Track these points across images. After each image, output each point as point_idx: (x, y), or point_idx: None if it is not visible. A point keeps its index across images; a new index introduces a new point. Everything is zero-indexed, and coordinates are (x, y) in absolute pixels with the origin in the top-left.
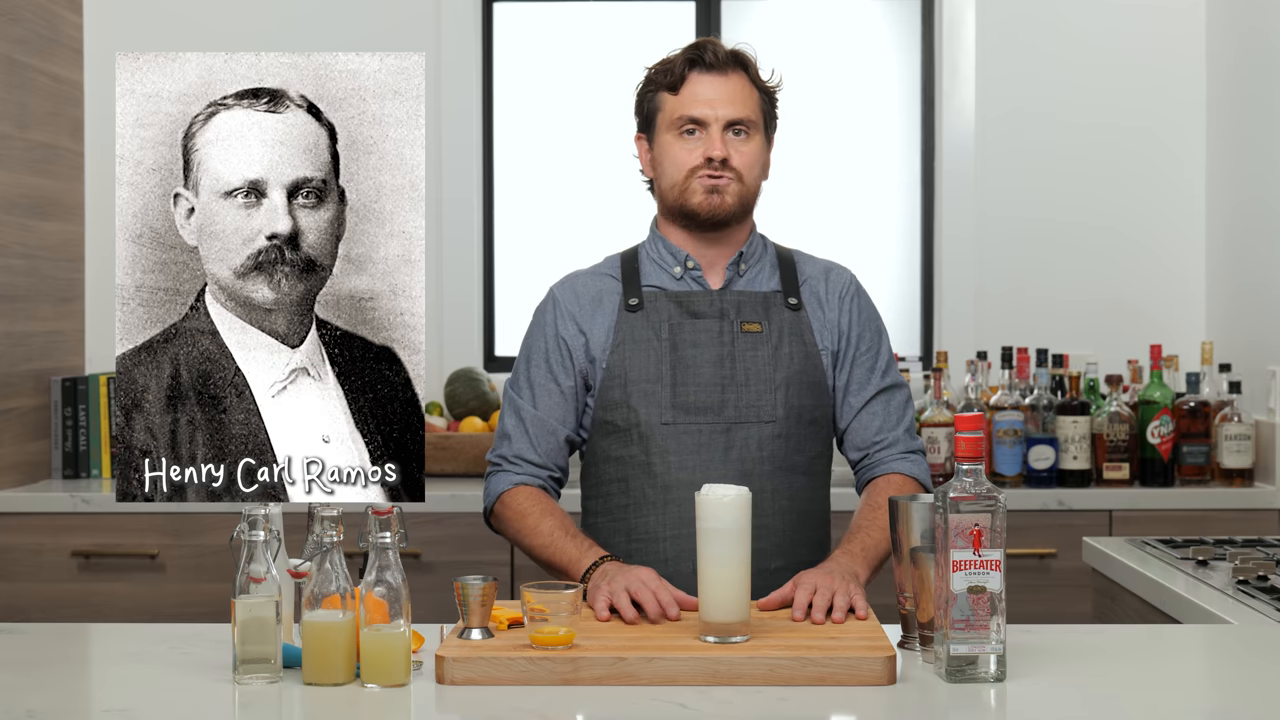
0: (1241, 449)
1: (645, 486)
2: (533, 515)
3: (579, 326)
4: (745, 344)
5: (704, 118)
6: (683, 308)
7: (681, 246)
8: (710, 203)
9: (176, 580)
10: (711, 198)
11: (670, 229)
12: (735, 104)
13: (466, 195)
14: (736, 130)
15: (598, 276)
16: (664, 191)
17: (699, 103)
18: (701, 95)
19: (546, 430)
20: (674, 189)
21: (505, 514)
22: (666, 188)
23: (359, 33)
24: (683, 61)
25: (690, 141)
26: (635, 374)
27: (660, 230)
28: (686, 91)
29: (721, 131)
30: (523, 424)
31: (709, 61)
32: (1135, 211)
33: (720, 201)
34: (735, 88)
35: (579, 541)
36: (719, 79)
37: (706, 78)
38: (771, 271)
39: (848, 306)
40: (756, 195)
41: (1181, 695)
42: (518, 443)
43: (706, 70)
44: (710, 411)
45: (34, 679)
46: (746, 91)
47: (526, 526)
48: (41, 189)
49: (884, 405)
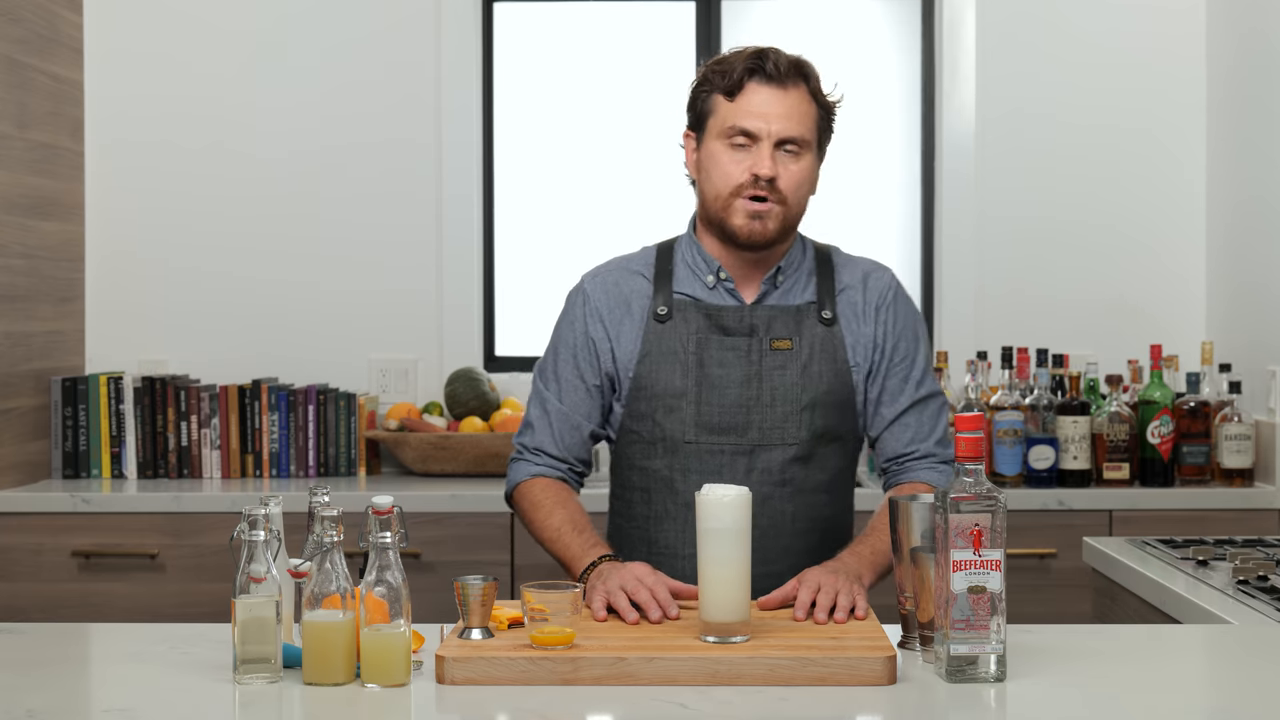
0: (1241, 449)
1: (667, 500)
2: (544, 507)
3: (606, 330)
4: (773, 362)
5: (757, 131)
6: (712, 321)
7: (716, 257)
8: (751, 228)
9: (176, 580)
10: (753, 224)
11: (706, 237)
12: (791, 120)
13: (466, 194)
14: (788, 149)
15: (630, 274)
16: (706, 200)
17: (753, 115)
18: (757, 107)
19: (570, 425)
20: (717, 201)
21: (522, 504)
22: (710, 198)
23: (359, 32)
24: (742, 68)
25: (739, 154)
26: (661, 388)
27: (697, 234)
28: (742, 100)
29: (772, 148)
30: (547, 416)
31: (769, 72)
32: (1135, 211)
33: (762, 228)
34: (793, 102)
35: (583, 538)
36: (778, 91)
37: (765, 89)
38: (808, 280)
39: (884, 317)
40: (801, 215)
41: (1181, 695)
42: (540, 434)
43: (766, 81)
44: (734, 432)
45: (34, 679)
46: (805, 106)
47: (538, 518)
48: (41, 189)
49: (917, 416)
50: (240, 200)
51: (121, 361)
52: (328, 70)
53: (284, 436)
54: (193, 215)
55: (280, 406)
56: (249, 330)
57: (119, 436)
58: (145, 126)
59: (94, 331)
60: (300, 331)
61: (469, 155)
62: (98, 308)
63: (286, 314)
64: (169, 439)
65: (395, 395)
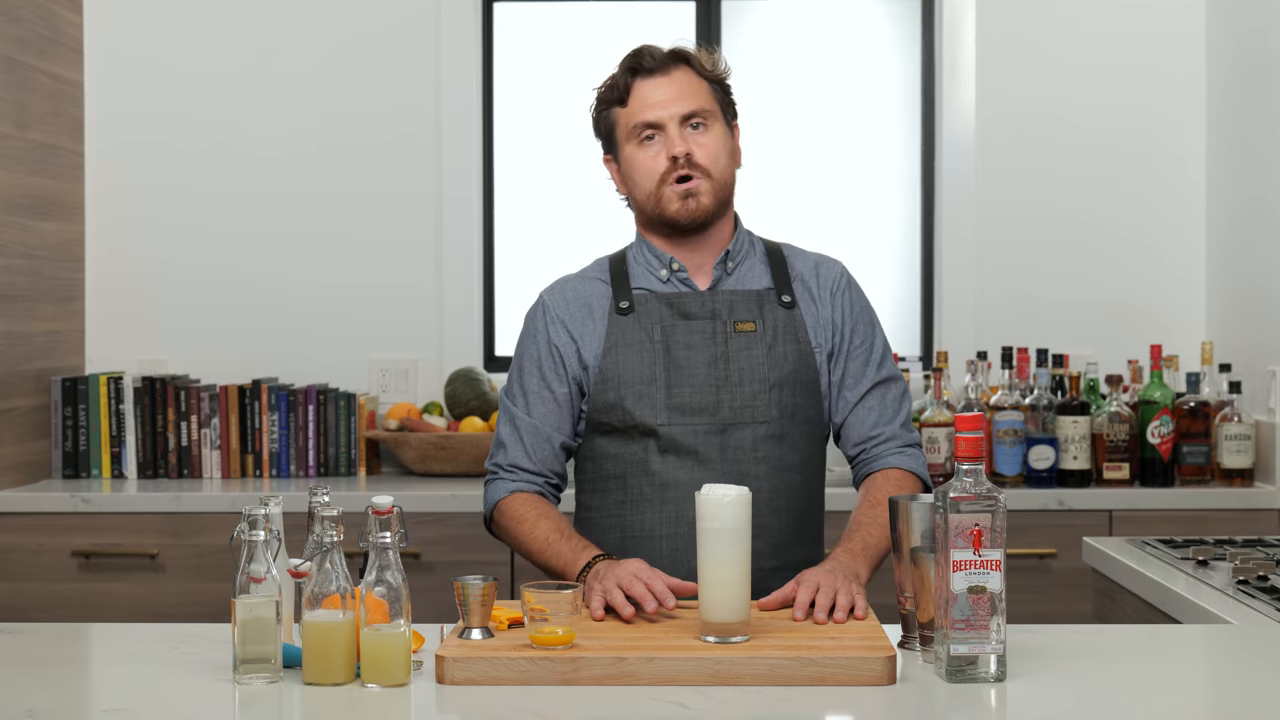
0: (1241, 449)
1: (643, 484)
2: (528, 520)
3: (570, 333)
4: (739, 344)
5: (658, 120)
6: (674, 309)
7: (665, 250)
8: (686, 208)
9: (176, 580)
10: (687, 203)
11: (652, 236)
12: (685, 98)
13: (466, 194)
14: (694, 124)
15: (586, 281)
16: (640, 204)
17: (648, 106)
18: (650, 99)
19: (542, 438)
20: (649, 199)
21: (503, 521)
22: (642, 199)
23: (359, 32)
24: (624, 72)
25: (651, 147)
26: (629, 376)
27: (644, 236)
28: (635, 100)
29: (679, 128)
30: (518, 432)
31: (648, 66)
32: (1135, 211)
33: (696, 205)
34: (681, 84)
35: (574, 543)
36: (662, 80)
37: (650, 82)
38: (762, 268)
39: (840, 301)
40: (731, 187)
41: (1181, 695)
42: (513, 451)
43: (648, 75)
44: (705, 413)
45: (34, 679)
46: (694, 84)
47: (523, 532)
48: (41, 189)
49: (880, 399)
50: (241, 200)
51: (121, 361)
52: (328, 70)
53: (284, 436)
54: (193, 215)
55: (280, 406)
56: (249, 330)
57: (119, 436)
58: (145, 126)
59: (94, 331)
60: (300, 331)
61: (469, 155)
62: (98, 308)
63: (286, 314)
64: (169, 439)
65: (395, 395)
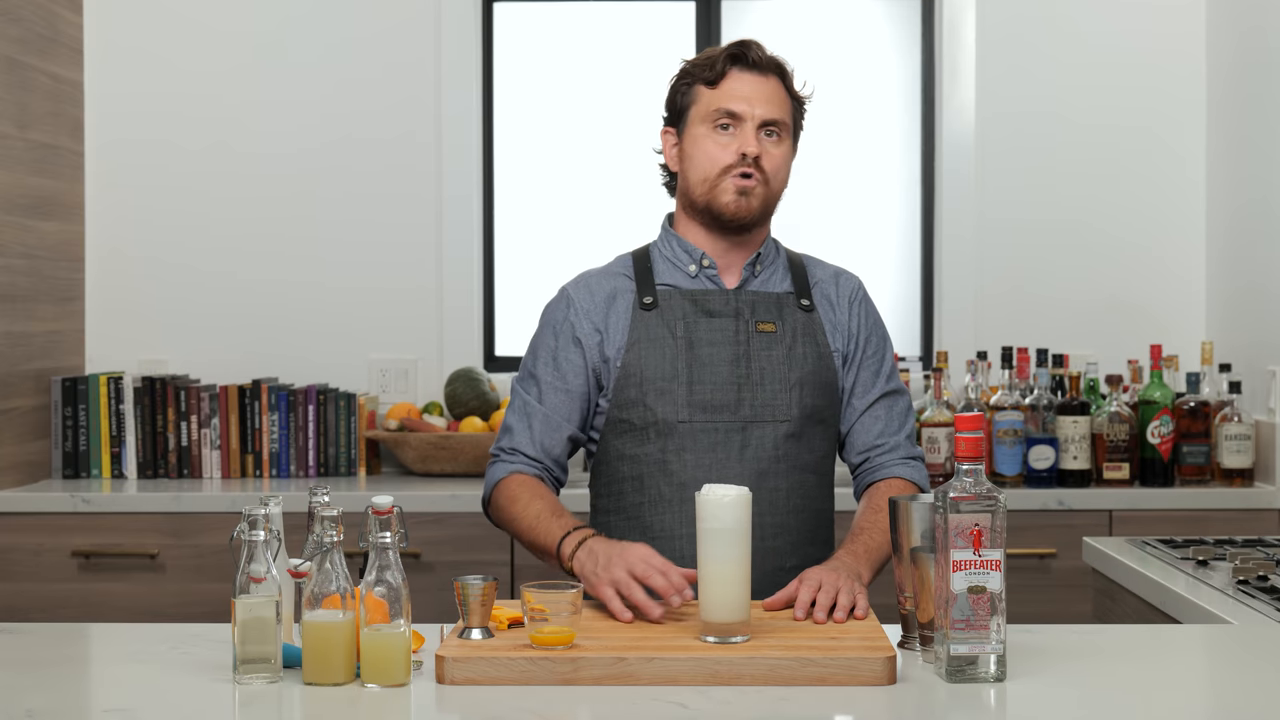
0: (1241, 449)
1: (661, 484)
2: (521, 500)
3: (594, 325)
4: (760, 344)
5: (741, 113)
6: (698, 306)
7: (698, 245)
8: (738, 204)
9: (176, 580)
10: (740, 200)
11: (689, 226)
12: (772, 104)
13: (466, 194)
14: (769, 131)
15: (610, 275)
16: (691, 185)
17: (738, 98)
18: (740, 91)
19: (550, 426)
20: (704, 184)
21: (499, 500)
22: (696, 181)
23: (359, 32)
24: (725, 56)
25: (724, 136)
26: (651, 372)
27: (676, 227)
28: (726, 86)
29: (756, 130)
30: (527, 418)
31: (752, 60)
32: (1135, 211)
33: (748, 205)
34: (772, 89)
35: (563, 521)
36: (759, 79)
37: (747, 75)
38: (784, 274)
39: (856, 310)
40: (778, 200)
41: (1181, 695)
42: (519, 436)
43: (748, 68)
44: (726, 410)
45: (34, 679)
46: (782, 96)
47: (515, 511)
48: (41, 189)
49: (887, 410)
50: (240, 200)
51: (121, 361)
52: (328, 70)
53: (284, 436)
54: (193, 215)
55: (280, 406)
56: (249, 330)
57: (119, 436)
58: (145, 126)
59: (94, 331)
60: (300, 331)
61: (469, 156)
62: (98, 308)
63: (286, 314)
64: (169, 439)
65: (395, 395)
